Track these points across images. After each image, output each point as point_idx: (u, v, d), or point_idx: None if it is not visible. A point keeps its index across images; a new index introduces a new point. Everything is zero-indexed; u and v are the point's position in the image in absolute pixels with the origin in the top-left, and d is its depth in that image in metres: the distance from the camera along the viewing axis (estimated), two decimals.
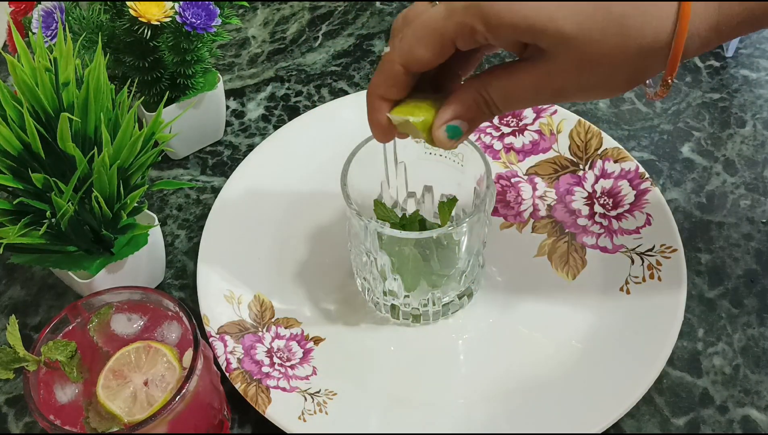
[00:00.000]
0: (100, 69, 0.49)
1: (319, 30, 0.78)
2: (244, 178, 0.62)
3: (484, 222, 0.50)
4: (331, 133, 0.65)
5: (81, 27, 0.57)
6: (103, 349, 0.45)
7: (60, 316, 0.45)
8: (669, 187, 0.62)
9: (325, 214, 0.61)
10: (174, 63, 0.60)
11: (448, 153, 0.52)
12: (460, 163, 0.52)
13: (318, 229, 0.60)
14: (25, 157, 0.47)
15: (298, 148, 0.64)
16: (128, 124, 0.49)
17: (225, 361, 0.51)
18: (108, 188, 0.48)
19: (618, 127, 0.67)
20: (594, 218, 0.59)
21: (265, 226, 0.60)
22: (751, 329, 0.54)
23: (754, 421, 0.49)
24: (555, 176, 0.62)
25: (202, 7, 0.57)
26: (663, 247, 0.55)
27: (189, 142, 0.67)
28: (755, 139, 0.65)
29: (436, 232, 0.47)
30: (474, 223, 0.48)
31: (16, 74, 0.46)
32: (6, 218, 0.48)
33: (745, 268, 0.57)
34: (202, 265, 0.56)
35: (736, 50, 0.72)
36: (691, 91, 0.69)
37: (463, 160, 0.52)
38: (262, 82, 0.74)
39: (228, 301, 0.55)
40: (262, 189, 0.62)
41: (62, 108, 0.48)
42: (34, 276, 0.60)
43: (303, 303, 0.56)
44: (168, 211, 0.64)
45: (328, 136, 0.64)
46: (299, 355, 0.53)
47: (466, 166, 0.52)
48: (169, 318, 0.46)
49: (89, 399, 0.43)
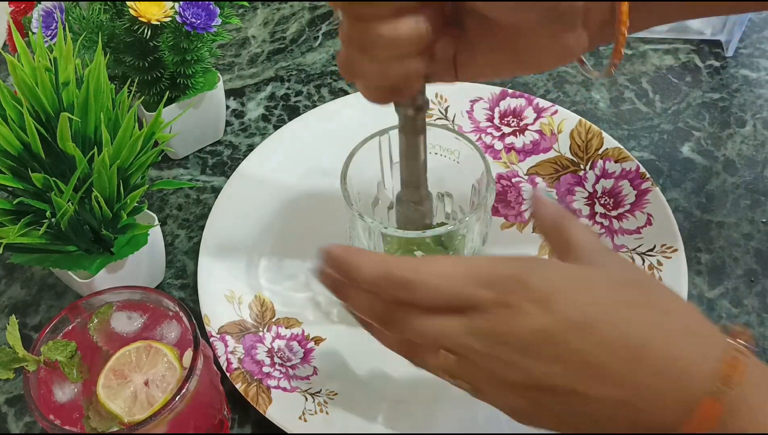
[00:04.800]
0: (100, 69, 0.48)
1: (319, 30, 0.78)
2: (244, 178, 0.62)
3: (486, 221, 0.50)
4: (331, 133, 0.64)
5: (81, 27, 0.57)
6: (104, 349, 0.45)
7: (60, 316, 0.45)
8: (669, 186, 0.62)
9: (325, 213, 0.60)
10: (174, 63, 0.60)
11: (445, 151, 0.52)
12: (456, 160, 0.52)
13: (318, 228, 0.60)
14: (25, 157, 0.47)
15: (298, 148, 0.64)
16: (128, 124, 0.49)
17: (226, 361, 0.51)
18: (108, 188, 0.48)
19: (618, 126, 0.67)
20: (595, 218, 0.59)
21: (266, 225, 0.60)
22: (752, 329, 0.54)
23: None
24: (556, 176, 0.62)
25: (202, 7, 0.57)
26: (664, 247, 0.55)
27: (189, 142, 0.67)
28: (755, 139, 0.65)
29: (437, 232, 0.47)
30: (474, 221, 0.48)
31: (16, 74, 0.46)
32: (6, 218, 0.48)
33: (746, 267, 0.57)
34: (202, 265, 0.56)
35: (736, 50, 0.72)
36: (691, 91, 0.69)
37: (459, 158, 0.51)
38: (262, 82, 0.74)
39: (229, 301, 0.55)
40: (262, 189, 0.62)
41: (62, 108, 0.48)
42: (34, 276, 0.60)
43: (304, 303, 0.56)
44: (168, 211, 0.64)
45: (328, 136, 0.64)
46: (300, 355, 0.53)
47: (463, 164, 0.51)
48: (169, 318, 0.46)
49: (89, 399, 0.43)
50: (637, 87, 0.70)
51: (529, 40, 0.40)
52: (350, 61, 0.41)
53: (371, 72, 0.40)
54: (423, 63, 0.40)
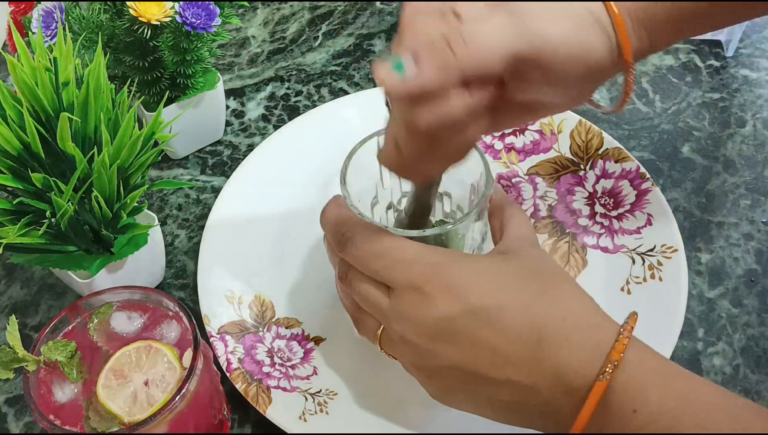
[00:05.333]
0: (100, 69, 0.48)
1: (319, 30, 0.78)
2: (244, 178, 0.62)
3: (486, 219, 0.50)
4: (331, 132, 0.64)
5: (81, 27, 0.57)
6: (104, 349, 0.44)
7: (60, 316, 0.45)
8: (669, 186, 0.62)
9: None
10: (174, 63, 0.60)
11: None
12: None
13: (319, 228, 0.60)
14: (25, 157, 0.47)
15: (298, 148, 0.64)
16: (128, 123, 0.49)
17: (226, 361, 0.51)
18: (108, 188, 0.48)
19: (618, 126, 0.67)
20: (595, 218, 0.59)
21: (266, 225, 0.60)
22: (751, 329, 0.54)
23: None
24: (556, 176, 0.62)
25: (202, 7, 0.57)
26: (664, 247, 0.55)
27: (189, 142, 0.67)
28: (755, 139, 0.65)
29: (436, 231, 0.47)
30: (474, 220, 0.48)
31: (16, 74, 0.46)
32: (6, 218, 0.48)
33: (746, 267, 0.57)
34: (202, 265, 0.56)
35: (737, 50, 0.72)
36: (691, 91, 0.69)
37: None
38: (262, 82, 0.74)
39: (229, 301, 0.55)
40: (262, 189, 0.62)
41: (62, 108, 0.48)
42: (34, 276, 0.60)
43: (304, 303, 0.56)
44: (168, 211, 0.64)
45: (328, 136, 0.64)
46: (300, 355, 0.53)
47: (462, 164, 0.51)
48: (169, 318, 0.46)
49: (89, 399, 0.43)
50: (637, 87, 0.70)
51: (553, 103, 0.42)
52: (407, 165, 0.40)
53: (427, 169, 0.41)
54: None
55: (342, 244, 0.44)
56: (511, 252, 0.43)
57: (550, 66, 0.37)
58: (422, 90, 0.35)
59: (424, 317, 0.40)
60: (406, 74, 0.34)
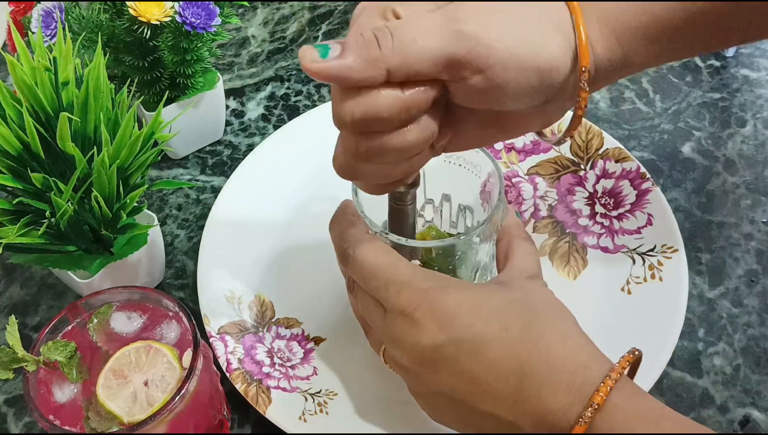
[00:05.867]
0: (100, 69, 0.48)
1: (319, 29, 0.78)
2: (244, 178, 0.62)
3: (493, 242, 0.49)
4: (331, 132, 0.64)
5: (80, 27, 0.57)
6: (103, 349, 0.44)
7: (59, 316, 0.45)
8: (669, 186, 0.62)
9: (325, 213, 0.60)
10: (174, 63, 0.60)
11: (467, 162, 0.51)
12: (478, 175, 0.51)
13: (319, 228, 0.60)
14: (25, 157, 0.47)
15: (298, 147, 0.64)
16: (128, 123, 0.49)
17: (225, 362, 0.51)
18: (108, 188, 0.48)
19: (618, 126, 0.67)
20: (595, 218, 0.59)
21: (266, 225, 0.60)
22: (752, 329, 0.54)
23: (755, 421, 0.49)
24: (556, 176, 0.61)
25: (201, 7, 0.57)
26: (664, 247, 0.55)
27: (189, 142, 0.67)
28: (756, 139, 0.65)
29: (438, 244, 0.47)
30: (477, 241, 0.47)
31: (15, 74, 0.46)
32: (6, 218, 0.48)
33: (746, 267, 0.57)
34: (202, 265, 0.56)
35: (737, 50, 0.72)
36: (691, 91, 0.69)
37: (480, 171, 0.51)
38: (261, 82, 0.74)
39: (228, 301, 0.55)
40: (262, 189, 0.62)
41: (62, 108, 0.48)
42: (34, 276, 0.60)
43: (304, 303, 0.56)
44: (168, 211, 0.64)
45: (329, 136, 0.64)
46: (300, 355, 0.53)
47: (483, 175, 0.51)
48: (168, 318, 0.46)
49: (89, 399, 0.43)
50: (637, 87, 0.70)
51: (516, 117, 0.40)
52: (351, 167, 0.39)
53: (376, 174, 0.39)
54: (426, 156, 0.40)
55: (344, 258, 0.44)
56: (508, 283, 0.42)
57: (490, 69, 0.35)
58: (339, 76, 0.35)
59: (413, 344, 0.40)
60: (327, 57, 0.35)
